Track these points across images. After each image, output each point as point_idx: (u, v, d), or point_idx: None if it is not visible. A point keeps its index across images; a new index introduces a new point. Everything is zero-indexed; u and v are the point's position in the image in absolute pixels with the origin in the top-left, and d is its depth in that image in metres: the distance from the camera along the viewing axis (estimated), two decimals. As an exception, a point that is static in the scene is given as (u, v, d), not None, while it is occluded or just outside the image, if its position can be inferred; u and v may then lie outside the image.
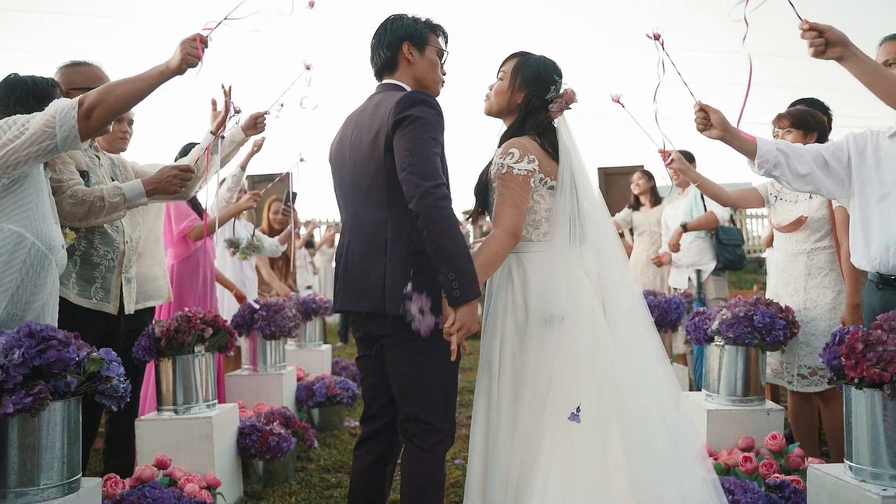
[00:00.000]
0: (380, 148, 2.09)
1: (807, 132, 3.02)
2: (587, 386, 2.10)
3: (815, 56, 2.04)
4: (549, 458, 2.06)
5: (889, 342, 1.90)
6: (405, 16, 2.26)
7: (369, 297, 2.11)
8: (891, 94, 2.05)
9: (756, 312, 2.95)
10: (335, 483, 3.52)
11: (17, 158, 2.04)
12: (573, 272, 2.20)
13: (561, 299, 2.18)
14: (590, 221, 2.25)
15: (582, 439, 2.05)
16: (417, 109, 2.04)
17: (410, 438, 2.17)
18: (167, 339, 3.03)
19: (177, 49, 2.13)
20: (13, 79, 2.33)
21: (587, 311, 2.18)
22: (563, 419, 2.05)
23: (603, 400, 2.10)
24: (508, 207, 2.18)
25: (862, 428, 2.00)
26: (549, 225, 2.24)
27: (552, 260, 2.21)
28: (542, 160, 2.23)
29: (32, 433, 1.89)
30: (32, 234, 2.11)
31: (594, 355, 2.13)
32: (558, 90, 2.31)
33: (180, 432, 3.07)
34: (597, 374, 2.12)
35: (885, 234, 2.35)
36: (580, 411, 2.03)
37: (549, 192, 2.25)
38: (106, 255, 2.72)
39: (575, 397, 2.06)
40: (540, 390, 2.15)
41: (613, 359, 2.15)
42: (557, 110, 2.29)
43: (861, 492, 1.94)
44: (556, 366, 2.14)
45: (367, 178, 2.15)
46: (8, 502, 1.86)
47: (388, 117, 2.07)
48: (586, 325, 2.16)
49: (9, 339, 1.85)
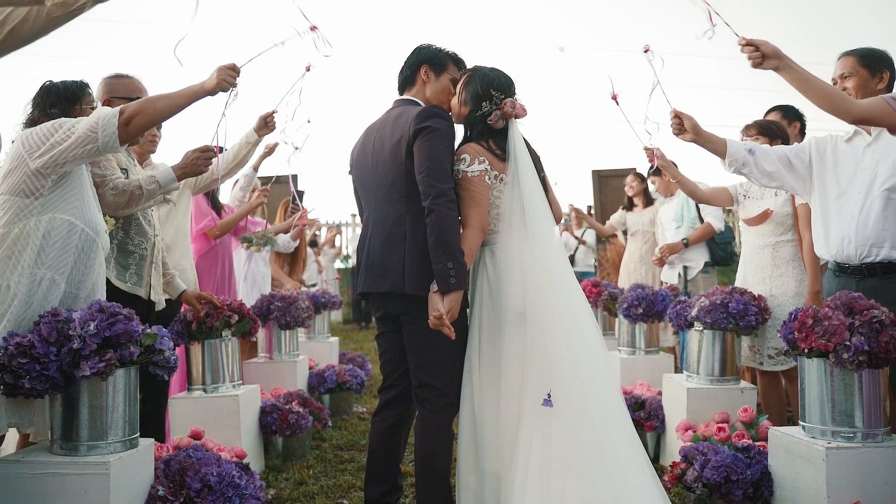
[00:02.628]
0: (401, 152, 2.45)
1: (772, 139, 3.35)
2: (556, 373, 2.36)
3: (754, 67, 2.37)
4: (529, 438, 2.35)
5: (833, 318, 2.23)
6: (432, 45, 2.64)
7: (391, 279, 2.45)
8: (820, 98, 2.38)
9: (731, 300, 3.28)
10: (348, 459, 3.83)
11: (64, 158, 2.34)
12: (525, 260, 2.47)
13: (519, 290, 2.46)
14: (532, 212, 2.48)
15: (556, 420, 2.33)
16: (435, 121, 2.41)
17: (422, 402, 2.50)
18: (198, 323, 3.36)
19: (213, 73, 2.41)
20: (48, 86, 2.61)
21: (546, 302, 2.44)
22: (538, 404, 2.34)
23: (568, 384, 2.37)
24: (471, 207, 2.46)
25: (812, 392, 2.33)
26: (509, 217, 2.51)
27: (509, 249, 2.50)
28: (492, 160, 2.49)
29: (101, 395, 2.20)
30: (82, 221, 2.41)
31: (553, 344, 2.40)
32: (495, 104, 2.50)
33: (209, 409, 3.39)
34: (558, 362, 2.38)
35: (841, 227, 2.68)
36: (551, 396, 2.32)
37: (506, 187, 2.51)
38: (140, 245, 3.00)
39: (546, 385, 2.34)
40: (514, 380, 2.43)
41: (574, 347, 2.41)
42: (495, 121, 2.50)
43: (810, 446, 2.27)
44: (526, 357, 2.42)
45: (389, 177, 2.51)
46: (80, 454, 2.17)
47: (410, 126, 2.43)
48: (544, 315, 2.43)
49: (83, 314, 2.16)
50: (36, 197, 2.33)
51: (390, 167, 2.51)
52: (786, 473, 2.42)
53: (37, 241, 2.29)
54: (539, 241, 2.50)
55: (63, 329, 2.14)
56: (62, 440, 2.19)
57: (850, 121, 2.45)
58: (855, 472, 2.17)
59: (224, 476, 2.47)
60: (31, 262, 2.26)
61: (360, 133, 2.76)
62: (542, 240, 2.52)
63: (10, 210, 2.31)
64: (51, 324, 2.14)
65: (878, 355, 2.17)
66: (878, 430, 2.24)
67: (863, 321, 2.19)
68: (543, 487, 2.27)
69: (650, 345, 4.56)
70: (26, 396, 2.15)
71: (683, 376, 3.50)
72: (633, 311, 4.35)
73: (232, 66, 2.42)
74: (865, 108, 2.39)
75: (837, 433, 2.25)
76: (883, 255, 2.57)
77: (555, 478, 2.26)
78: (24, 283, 2.24)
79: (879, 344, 2.16)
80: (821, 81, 2.40)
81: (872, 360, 2.18)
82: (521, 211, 2.50)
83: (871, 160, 2.68)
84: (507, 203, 2.52)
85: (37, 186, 2.33)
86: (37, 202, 2.33)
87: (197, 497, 2.40)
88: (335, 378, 4.80)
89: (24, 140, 2.35)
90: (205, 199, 4.23)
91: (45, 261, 2.28)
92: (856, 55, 2.71)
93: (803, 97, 2.44)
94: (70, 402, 2.18)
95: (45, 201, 2.34)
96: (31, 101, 2.59)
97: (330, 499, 3.18)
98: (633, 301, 4.36)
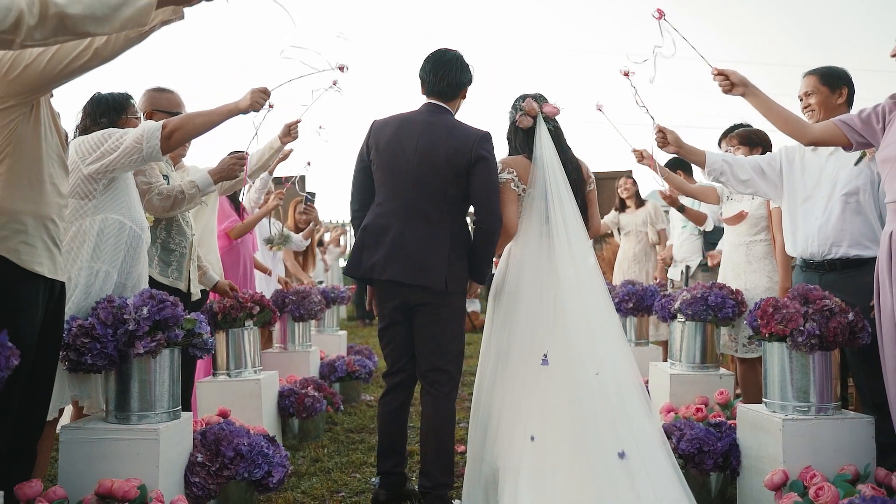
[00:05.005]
0: (459, 167, 2.81)
1: (752, 147, 3.67)
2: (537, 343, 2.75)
3: (725, 93, 2.68)
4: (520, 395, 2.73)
5: (790, 307, 2.55)
6: (470, 66, 2.98)
7: (430, 276, 2.79)
8: (779, 122, 2.68)
9: (710, 294, 3.59)
10: (359, 440, 4.15)
11: (113, 166, 2.66)
12: (532, 258, 2.89)
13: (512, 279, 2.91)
14: (557, 218, 2.86)
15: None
16: (491, 150, 2.85)
17: (433, 385, 2.85)
18: (223, 314, 3.68)
19: (247, 94, 2.75)
20: (98, 97, 2.91)
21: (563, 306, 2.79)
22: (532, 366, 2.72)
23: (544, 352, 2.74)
24: (504, 208, 2.89)
25: (773, 372, 2.64)
26: (527, 222, 2.91)
27: (525, 250, 2.93)
28: (521, 173, 2.92)
29: (150, 372, 2.52)
30: (129, 220, 2.73)
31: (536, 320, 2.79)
32: (518, 108, 2.98)
33: (233, 392, 3.71)
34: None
35: (807, 228, 2.99)
36: (547, 356, 2.69)
37: (527, 196, 2.92)
38: (180, 244, 3.32)
39: (539, 351, 2.72)
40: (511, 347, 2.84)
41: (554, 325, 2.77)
42: (520, 121, 2.97)
43: (770, 419, 2.59)
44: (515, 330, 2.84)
45: (436, 181, 2.82)
46: (132, 422, 2.49)
47: (472, 149, 2.79)
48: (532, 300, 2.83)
49: (137, 300, 2.48)
50: (90, 199, 2.65)
51: (442, 174, 2.82)
52: (751, 444, 2.73)
53: (92, 239, 2.61)
54: (560, 245, 2.83)
55: (118, 314, 2.46)
56: (116, 410, 2.51)
57: (804, 143, 2.74)
58: (808, 441, 2.49)
59: (254, 446, 2.80)
60: (89, 257, 2.58)
61: (385, 117, 2.99)
62: (562, 243, 2.84)
63: (68, 211, 2.63)
64: (107, 309, 2.47)
65: (827, 339, 2.48)
66: (829, 405, 2.56)
67: (815, 309, 2.51)
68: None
69: (640, 337, 4.90)
70: (86, 372, 2.47)
71: (668, 364, 3.82)
72: (623, 305, 4.68)
73: (264, 89, 2.75)
74: (818, 133, 2.66)
75: (794, 408, 2.56)
76: (842, 253, 2.87)
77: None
78: (83, 276, 2.56)
79: (829, 329, 2.47)
80: (780, 107, 2.68)
81: (823, 343, 2.50)
82: (542, 217, 2.87)
83: (833, 168, 2.98)
84: (528, 208, 2.90)
85: (90, 189, 2.65)
86: (90, 203, 2.65)
87: (230, 463, 2.73)
88: (345, 367, 5.12)
89: (77, 148, 2.68)
90: (228, 201, 4.55)
91: (101, 256, 2.61)
92: (816, 74, 3.02)
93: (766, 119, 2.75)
94: (123, 377, 2.50)
95: (98, 203, 2.66)
96: (81, 111, 2.90)
97: (344, 473, 3.50)
98: (624, 296, 4.69)
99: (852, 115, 2.66)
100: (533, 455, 2.55)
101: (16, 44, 1.76)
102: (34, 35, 1.76)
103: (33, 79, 2.06)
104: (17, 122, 2.10)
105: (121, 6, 1.87)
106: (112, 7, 1.86)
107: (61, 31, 1.81)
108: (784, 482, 2.43)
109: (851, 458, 2.47)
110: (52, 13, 1.76)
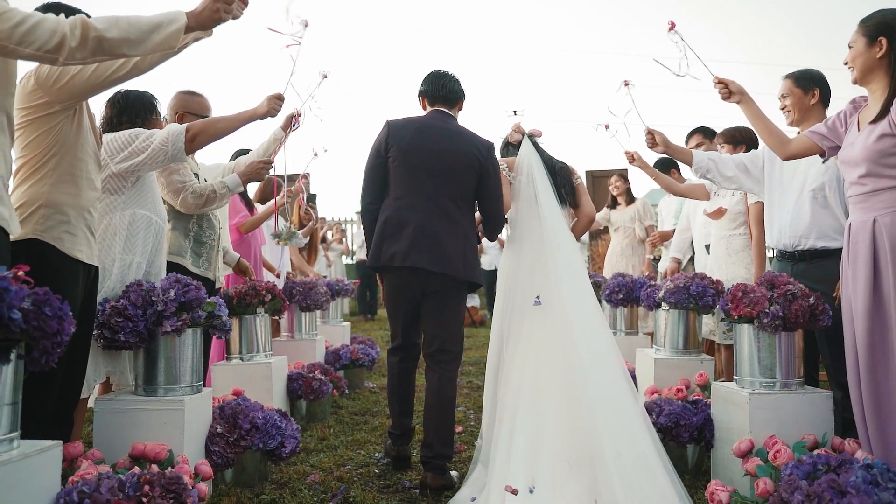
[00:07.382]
0: (473, 169, 3.18)
1: (735, 145, 3.92)
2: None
3: (724, 100, 2.92)
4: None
5: (757, 291, 2.79)
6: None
7: (452, 265, 3.11)
8: (764, 134, 2.90)
9: (692, 284, 3.84)
10: (363, 422, 4.41)
11: (141, 167, 2.91)
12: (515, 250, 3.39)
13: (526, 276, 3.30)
14: (539, 195, 3.35)
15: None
16: (495, 158, 3.33)
17: (440, 364, 3.16)
18: (238, 299, 3.93)
19: (263, 101, 3.05)
20: (129, 94, 3.08)
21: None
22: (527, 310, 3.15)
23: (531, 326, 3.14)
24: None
25: (743, 351, 2.89)
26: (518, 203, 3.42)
27: (518, 239, 3.41)
28: (510, 164, 3.47)
29: (175, 349, 2.77)
30: (154, 214, 2.98)
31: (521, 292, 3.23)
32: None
33: (245, 375, 3.96)
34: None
35: (781, 220, 3.23)
36: (540, 297, 3.11)
37: (514, 185, 3.40)
38: (210, 237, 3.56)
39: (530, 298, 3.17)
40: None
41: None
42: (511, 136, 3.57)
43: (739, 394, 2.83)
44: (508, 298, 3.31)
45: (457, 180, 3.17)
46: (159, 395, 2.74)
47: (484, 156, 3.23)
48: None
49: (163, 284, 2.73)
50: (119, 194, 2.90)
51: (461, 175, 3.17)
52: (723, 418, 2.98)
53: (123, 232, 2.86)
54: (544, 212, 3.31)
55: (147, 296, 2.71)
56: (145, 384, 2.76)
57: (783, 158, 2.90)
58: (772, 414, 2.73)
59: (268, 419, 3.06)
60: (121, 249, 2.84)
61: (401, 119, 3.28)
62: (539, 232, 3.30)
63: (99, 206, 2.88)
64: (137, 292, 2.72)
65: (790, 320, 2.73)
66: (793, 381, 2.80)
67: (779, 294, 2.76)
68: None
69: (630, 326, 5.15)
70: (119, 349, 2.72)
71: (653, 350, 4.07)
72: (614, 296, 4.94)
73: (278, 95, 3.01)
74: (794, 147, 2.85)
75: (761, 383, 2.81)
76: (810, 244, 3.11)
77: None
78: (116, 266, 2.81)
79: (791, 311, 2.72)
80: (768, 121, 2.90)
81: (787, 324, 2.74)
82: (530, 199, 3.36)
83: (804, 165, 3.22)
84: (517, 191, 3.41)
85: (119, 186, 2.90)
86: (120, 199, 2.90)
87: (247, 434, 2.98)
88: (349, 355, 5.38)
89: (106, 145, 2.92)
90: (240, 197, 4.80)
91: (132, 248, 2.86)
92: (791, 77, 3.25)
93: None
94: (151, 354, 2.76)
95: (126, 198, 2.91)
96: (107, 104, 3.08)
97: (349, 449, 3.75)
98: (615, 288, 4.95)
99: (820, 124, 2.84)
100: (529, 398, 2.92)
101: (59, 62, 2.01)
102: (75, 55, 2.01)
103: (78, 88, 2.32)
104: (62, 124, 2.36)
105: (153, 32, 2.12)
106: (145, 32, 2.11)
107: (99, 52, 2.06)
108: (750, 450, 2.68)
109: (812, 429, 2.71)
110: (91, 36, 2.01)
